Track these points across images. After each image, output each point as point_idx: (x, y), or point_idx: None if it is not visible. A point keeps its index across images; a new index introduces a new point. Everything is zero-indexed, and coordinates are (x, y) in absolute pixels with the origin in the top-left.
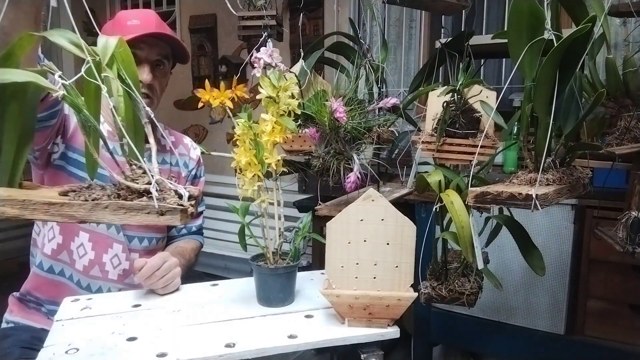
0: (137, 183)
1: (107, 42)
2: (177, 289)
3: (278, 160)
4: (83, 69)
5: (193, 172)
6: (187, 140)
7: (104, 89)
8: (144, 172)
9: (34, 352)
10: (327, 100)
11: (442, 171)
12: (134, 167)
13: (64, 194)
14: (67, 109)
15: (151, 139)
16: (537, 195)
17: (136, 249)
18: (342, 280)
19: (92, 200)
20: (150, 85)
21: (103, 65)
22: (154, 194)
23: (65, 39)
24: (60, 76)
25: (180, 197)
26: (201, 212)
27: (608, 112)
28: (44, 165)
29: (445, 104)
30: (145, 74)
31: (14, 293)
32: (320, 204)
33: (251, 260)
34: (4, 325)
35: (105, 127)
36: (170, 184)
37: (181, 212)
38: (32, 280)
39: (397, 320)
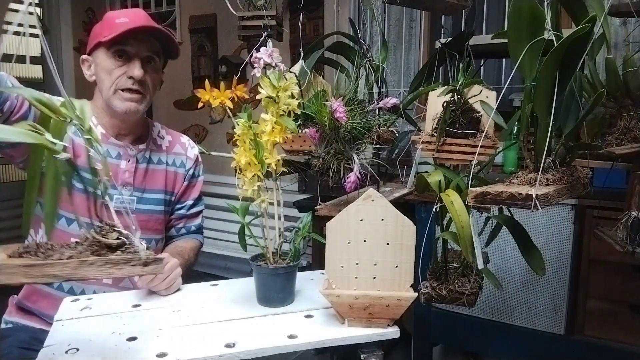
0: (108, 238)
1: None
2: (179, 289)
3: (278, 160)
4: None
5: (190, 172)
6: (185, 139)
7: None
8: (113, 227)
9: (32, 352)
10: (327, 100)
11: (442, 171)
12: (104, 222)
13: (19, 255)
14: None
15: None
16: (537, 195)
17: None
18: (342, 280)
19: (68, 258)
20: (142, 81)
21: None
22: (141, 247)
23: (32, 97)
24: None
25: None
26: (200, 212)
27: (608, 112)
28: None
29: (445, 104)
30: (136, 70)
31: (14, 295)
32: (320, 204)
33: (251, 260)
34: (2, 325)
35: (99, 130)
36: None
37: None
38: (25, 289)
39: (397, 320)
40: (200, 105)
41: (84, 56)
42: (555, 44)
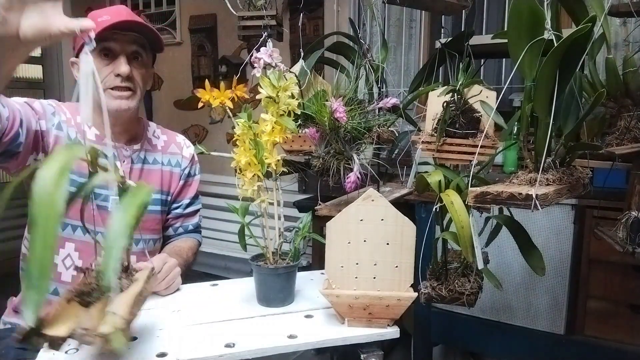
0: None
1: None
2: (178, 289)
3: (278, 160)
4: None
5: (186, 171)
6: (180, 138)
7: None
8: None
9: (30, 352)
10: (327, 100)
11: (442, 171)
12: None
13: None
14: (44, 126)
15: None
16: (537, 195)
17: (132, 252)
18: (342, 280)
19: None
20: (130, 77)
21: None
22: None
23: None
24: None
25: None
26: (197, 210)
27: (608, 112)
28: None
29: (445, 104)
30: (122, 66)
31: (13, 297)
32: (320, 204)
33: (251, 260)
34: (1, 326)
35: (93, 131)
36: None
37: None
38: (20, 297)
39: (397, 320)
40: (200, 105)
41: (73, 59)
42: (555, 44)
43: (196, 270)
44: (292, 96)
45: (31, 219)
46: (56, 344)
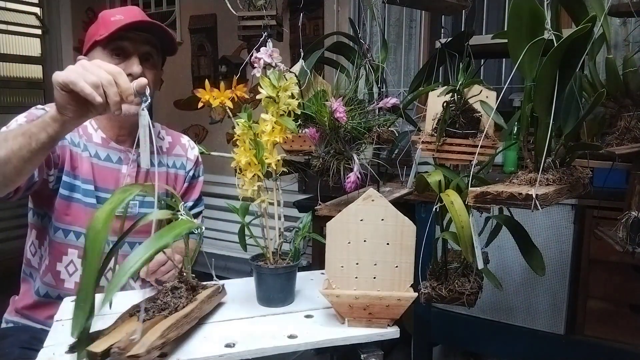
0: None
1: None
2: None
3: (278, 160)
4: None
5: (191, 173)
6: (185, 140)
7: None
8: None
9: (32, 352)
10: (327, 100)
11: (442, 171)
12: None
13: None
14: None
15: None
16: (537, 195)
17: None
18: (342, 280)
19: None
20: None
21: None
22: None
23: None
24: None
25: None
26: (200, 212)
27: (608, 112)
28: (41, 193)
29: (445, 104)
30: (134, 67)
31: (15, 295)
32: (320, 204)
33: (251, 260)
34: (3, 325)
35: (99, 134)
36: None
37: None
38: (23, 301)
39: (397, 320)
40: (200, 105)
41: (80, 57)
42: (555, 44)
43: (196, 270)
44: (292, 96)
45: (85, 251)
46: (93, 358)
